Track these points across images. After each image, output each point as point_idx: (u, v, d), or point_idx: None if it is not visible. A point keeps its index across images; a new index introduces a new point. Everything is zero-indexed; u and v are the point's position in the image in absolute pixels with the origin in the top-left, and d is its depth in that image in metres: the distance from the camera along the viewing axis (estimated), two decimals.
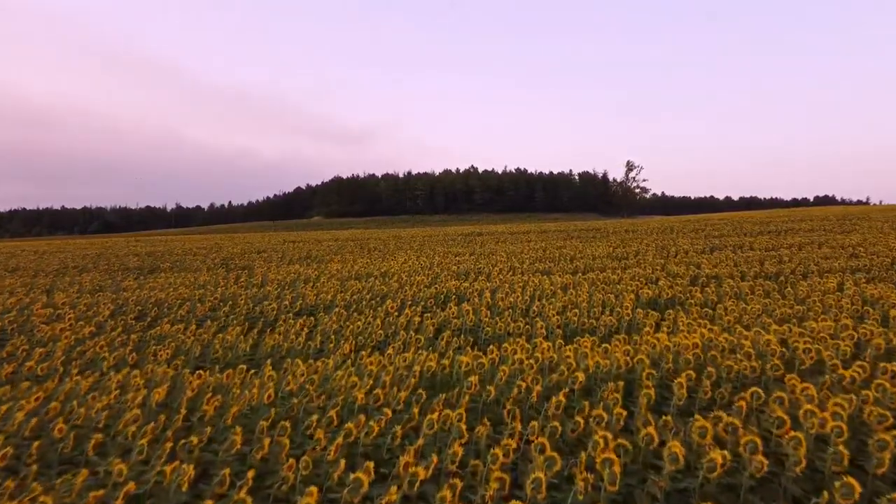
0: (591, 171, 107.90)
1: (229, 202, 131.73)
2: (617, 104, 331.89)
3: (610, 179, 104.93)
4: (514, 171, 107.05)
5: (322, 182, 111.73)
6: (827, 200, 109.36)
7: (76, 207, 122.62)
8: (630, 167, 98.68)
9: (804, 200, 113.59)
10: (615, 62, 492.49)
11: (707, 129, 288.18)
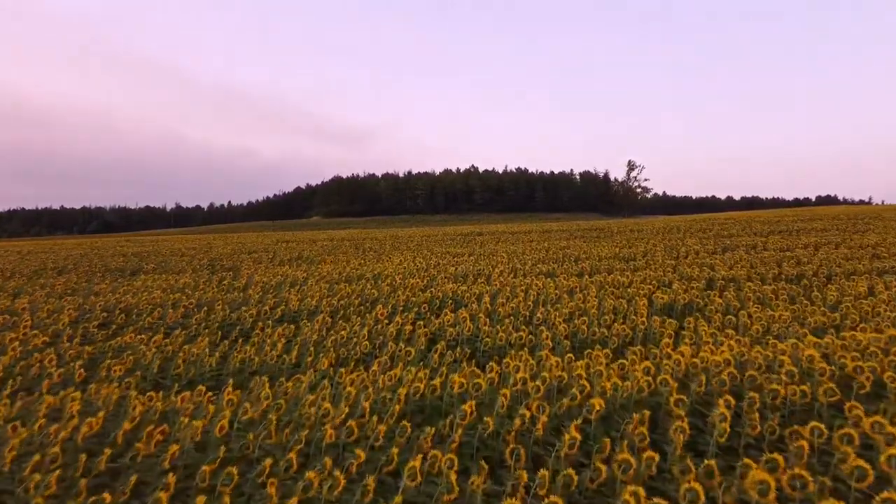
0: (592, 171, 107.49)
1: (229, 202, 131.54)
2: (617, 104, 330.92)
3: (611, 179, 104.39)
4: (515, 171, 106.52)
5: (322, 182, 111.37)
6: (829, 200, 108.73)
7: (75, 207, 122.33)
8: (631, 167, 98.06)
9: (806, 200, 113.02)
10: (615, 62, 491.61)
11: (707, 130, 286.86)
